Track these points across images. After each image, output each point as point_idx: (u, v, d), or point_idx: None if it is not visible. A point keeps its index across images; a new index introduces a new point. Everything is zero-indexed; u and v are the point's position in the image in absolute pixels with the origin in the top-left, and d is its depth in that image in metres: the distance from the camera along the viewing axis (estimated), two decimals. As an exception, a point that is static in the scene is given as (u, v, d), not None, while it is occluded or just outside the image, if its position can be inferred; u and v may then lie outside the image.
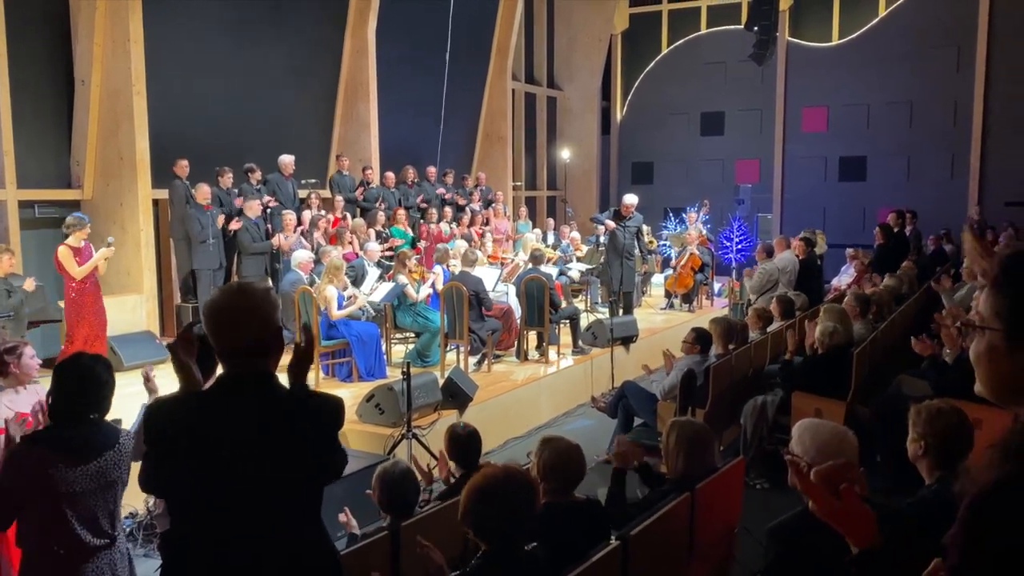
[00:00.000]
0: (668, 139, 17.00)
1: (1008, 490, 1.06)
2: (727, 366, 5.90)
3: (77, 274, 7.02)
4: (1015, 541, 1.04)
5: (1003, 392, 1.18)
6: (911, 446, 2.83)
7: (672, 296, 12.00)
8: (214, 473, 1.97)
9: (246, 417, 2.00)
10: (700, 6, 16.57)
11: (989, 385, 1.19)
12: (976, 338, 1.20)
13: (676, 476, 3.43)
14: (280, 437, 2.01)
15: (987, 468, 1.10)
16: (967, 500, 1.10)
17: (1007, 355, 1.14)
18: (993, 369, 1.18)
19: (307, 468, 2.06)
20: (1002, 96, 14.04)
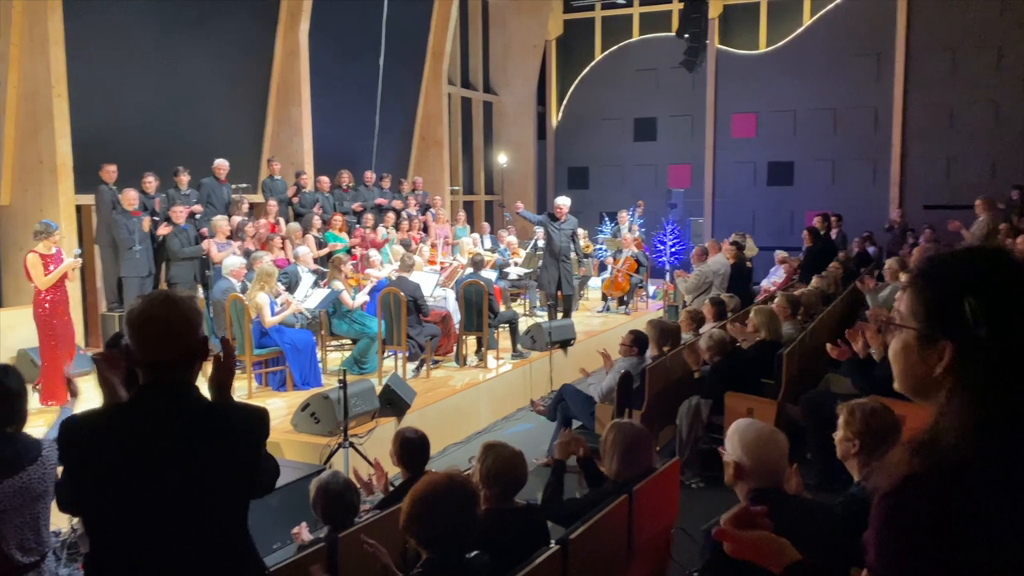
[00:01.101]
0: (603, 144, 17.21)
1: (917, 484, 1.10)
2: (662, 367, 5.99)
3: (41, 284, 6.79)
4: (925, 533, 1.08)
5: (915, 388, 1.23)
6: (842, 444, 2.90)
7: (608, 299, 12.14)
8: (132, 491, 1.90)
9: (166, 431, 1.93)
10: (632, 13, 16.83)
11: (903, 381, 1.25)
12: (895, 336, 1.25)
13: (615, 478, 3.46)
14: (202, 451, 1.94)
15: (898, 464, 1.14)
16: (879, 495, 1.14)
17: (919, 353, 1.20)
18: (907, 366, 1.23)
19: (230, 482, 1.99)
20: (919, 104, 14.63)
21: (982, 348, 1.13)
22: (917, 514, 1.10)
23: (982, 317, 1.13)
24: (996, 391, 1.12)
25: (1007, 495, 1.08)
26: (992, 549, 1.07)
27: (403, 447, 3.81)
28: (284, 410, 6.56)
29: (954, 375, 1.16)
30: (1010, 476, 1.09)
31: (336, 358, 8.57)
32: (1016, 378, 1.11)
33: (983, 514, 1.07)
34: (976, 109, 14.16)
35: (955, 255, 1.23)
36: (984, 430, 1.11)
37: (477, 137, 17.12)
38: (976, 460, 1.09)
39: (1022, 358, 1.12)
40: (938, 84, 14.38)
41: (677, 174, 16.69)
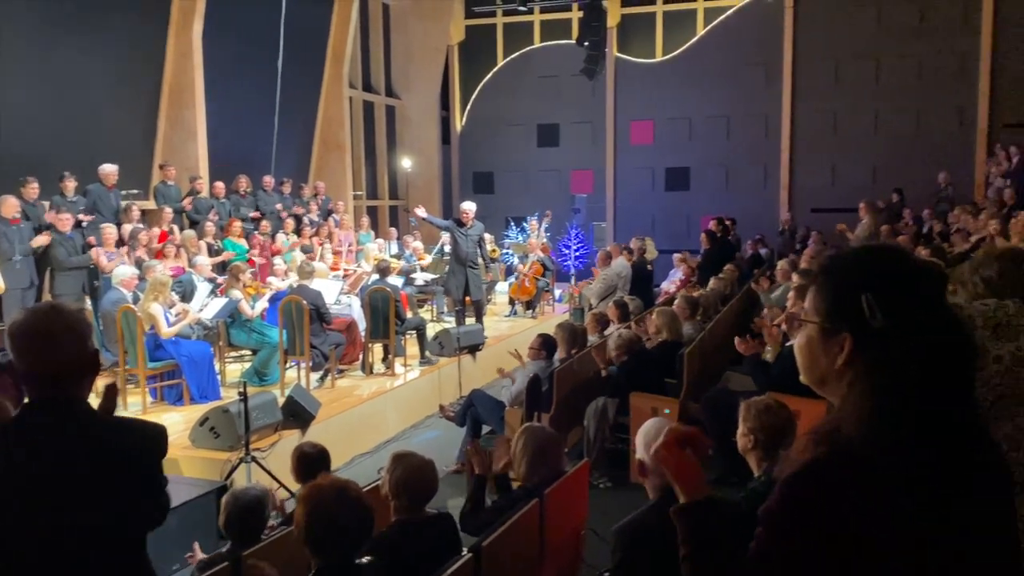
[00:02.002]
0: (507, 149, 17.31)
1: (817, 470, 1.17)
2: (570, 370, 6.06)
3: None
4: (821, 515, 1.14)
5: (819, 380, 1.29)
6: (742, 440, 3.01)
7: (516, 303, 12.21)
8: (11, 517, 1.77)
9: (51, 451, 1.80)
10: (533, 21, 17.01)
11: (808, 374, 1.31)
12: (799, 331, 1.32)
13: (525, 482, 3.47)
14: (91, 472, 1.82)
15: (801, 452, 1.20)
16: (783, 477, 1.20)
17: (822, 346, 1.26)
18: (811, 359, 1.29)
19: (124, 503, 1.88)
20: (806, 111, 15.35)
21: (878, 340, 1.20)
22: (814, 497, 1.15)
23: (877, 311, 1.19)
24: (891, 382, 1.18)
25: (902, 483, 1.14)
26: (882, 535, 1.13)
27: (301, 462, 3.72)
28: (182, 425, 6.29)
29: (853, 367, 1.22)
30: (905, 464, 1.14)
31: (236, 370, 8.29)
32: (909, 369, 1.18)
33: (877, 501, 1.13)
34: (858, 117, 14.97)
35: (854, 253, 1.31)
36: (880, 419, 1.17)
37: (380, 141, 16.93)
38: (873, 449, 1.15)
39: (915, 350, 1.18)
40: (823, 93, 15.13)
41: (580, 179, 16.96)
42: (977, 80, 14.18)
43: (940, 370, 1.18)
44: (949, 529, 1.15)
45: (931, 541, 1.15)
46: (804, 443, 1.22)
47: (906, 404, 1.17)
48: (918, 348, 1.18)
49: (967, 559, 1.16)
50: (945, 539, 1.15)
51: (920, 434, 1.16)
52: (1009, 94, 13.94)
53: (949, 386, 1.19)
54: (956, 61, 14.28)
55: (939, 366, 1.18)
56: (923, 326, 1.19)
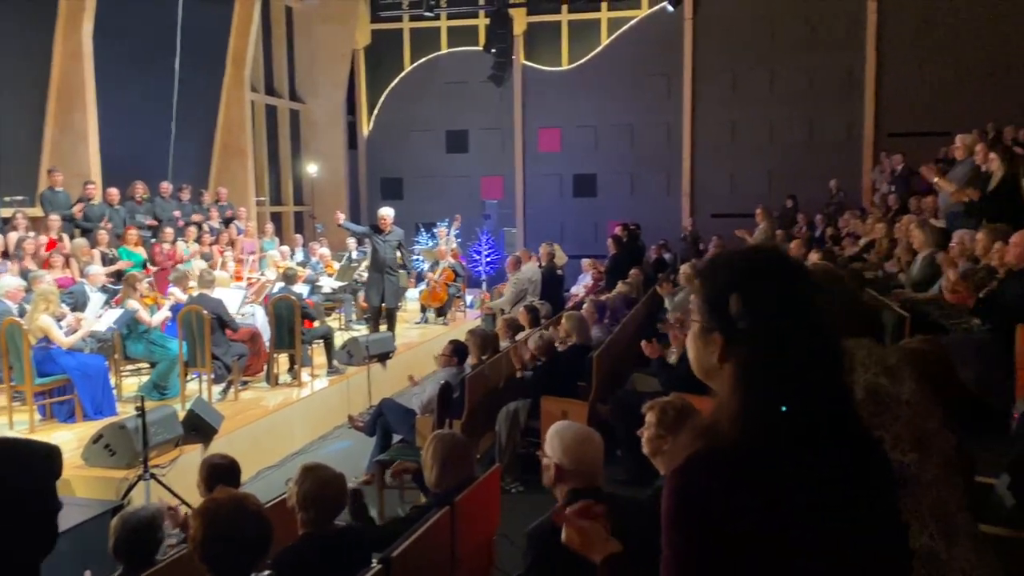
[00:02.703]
0: (416, 155, 17.21)
1: (698, 463, 1.23)
2: (482, 376, 6.07)
3: None
4: (707, 505, 1.19)
5: (704, 375, 1.38)
6: (654, 442, 3.05)
7: (427, 310, 12.14)
8: None
9: None
10: (440, 26, 16.99)
11: (696, 368, 1.40)
12: (690, 327, 1.41)
13: (436, 489, 3.45)
14: None
15: (685, 446, 1.28)
16: (670, 472, 1.25)
17: (702, 343, 1.34)
18: (695, 355, 1.38)
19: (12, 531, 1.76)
20: (706, 120, 15.87)
21: (746, 340, 1.26)
22: (696, 491, 1.21)
23: (744, 312, 1.26)
24: (756, 381, 1.25)
25: (774, 478, 1.19)
26: (757, 528, 1.18)
27: (211, 475, 3.58)
28: (74, 443, 5.97)
29: (728, 364, 1.29)
30: (775, 460, 1.20)
31: (133, 383, 7.93)
32: (773, 369, 1.24)
33: (752, 494, 1.18)
34: (754, 125, 15.57)
35: (729, 256, 1.39)
36: (748, 417, 1.23)
37: (284, 146, 16.55)
38: (745, 444, 1.21)
39: (779, 350, 1.25)
40: (722, 103, 15.67)
41: (490, 186, 17.02)
42: (863, 92, 14.97)
43: (804, 370, 1.24)
44: (829, 523, 1.20)
45: (811, 534, 1.19)
46: (688, 438, 1.29)
47: (770, 402, 1.23)
48: (782, 348, 1.24)
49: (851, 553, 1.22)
50: (826, 533, 1.20)
51: (787, 431, 1.21)
52: (893, 105, 14.77)
53: (814, 385, 1.24)
54: (844, 74, 15.04)
55: (803, 366, 1.24)
56: (787, 328, 1.25)
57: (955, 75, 14.27)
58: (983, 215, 6.90)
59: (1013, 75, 13.90)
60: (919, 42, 14.52)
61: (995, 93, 13.67)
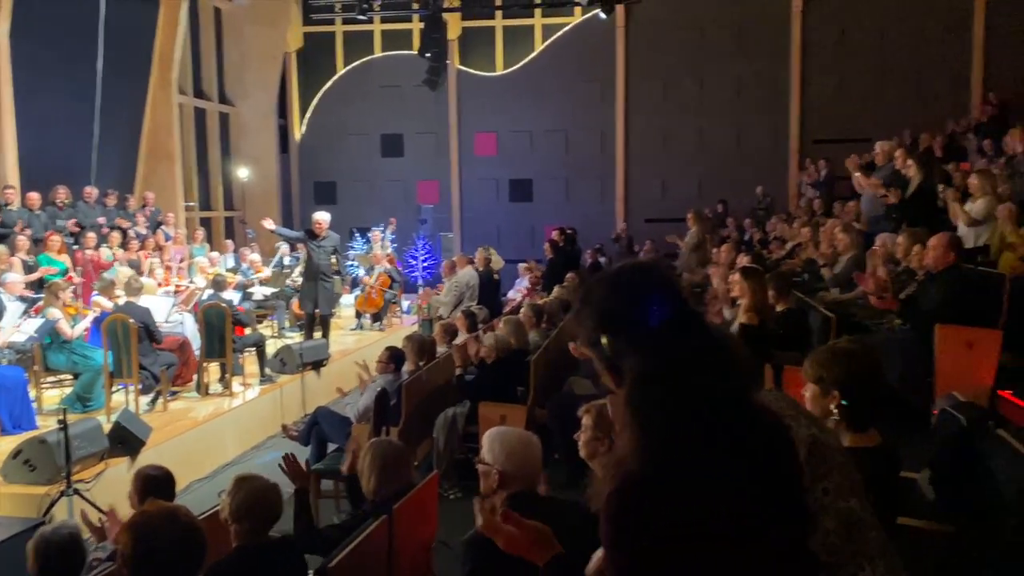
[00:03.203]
0: (350, 159, 17.03)
1: (623, 490, 1.23)
2: (419, 382, 6.03)
3: None
4: (637, 528, 1.22)
5: (613, 403, 1.38)
6: (591, 445, 3.07)
7: (362, 316, 12.01)
8: None
9: None
10: (374, 30, 16.85)
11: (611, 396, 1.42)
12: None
13: (374, 497, 3.41)
14: None
15: (606, 482, 1.26)
16: (606, 496, 1.25)
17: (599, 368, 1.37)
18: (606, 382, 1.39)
19: None
20: (638, 127, 16.13)
21: (624, 376, 1.27)
22: (627, 515, 1.23)
23: (613, 353, 1.27)
24: (635, 412, 1.24)
25: (682, 505, 1.21)
26: (685, 542, 1.21)
27: (145, 486, 3.47)
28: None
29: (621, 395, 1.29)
30: (682, 484, 1.21)
31: (54, 396, 7.62)
32: (649, 401, 1.23)
33: (668, 515, 1.21)
34: (685, 132, 15.89)
35: (592, 295, 1.34)
36: (633, 446, 1.24)
37: (213, 150, 16.16)
38: (650, 475, 1.22)
39: (652, 387, 1.24)
40: (653, 109, 15.94)
41: (426, 190, 16.95)
42: (789, 100, 15.43)
43: (685, 397, 1.23)
44: (745, 527, 1.23)
45: (731, 539, 1.22)
46: (607, 475, 1.29)
47: (659, 439, 1.22)
48: (653, 384, 1.24)
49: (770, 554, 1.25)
50: (743, 535, 1.23)
51: (682, 461, 1.21)
52: (816, 113, 15.27)
53: (704, 409, 1.23)
54: (770, 83, 15.48)
55: (682, 395, 1.23)
56: (654, 363, 1.24)
57: (875, 84, 14.83)
58: (903, 219, 7.18)
59: (928, 85, 14.53)
60: (840, 52, 15.05)
61: (912, 102, 14.27)
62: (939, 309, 4.95)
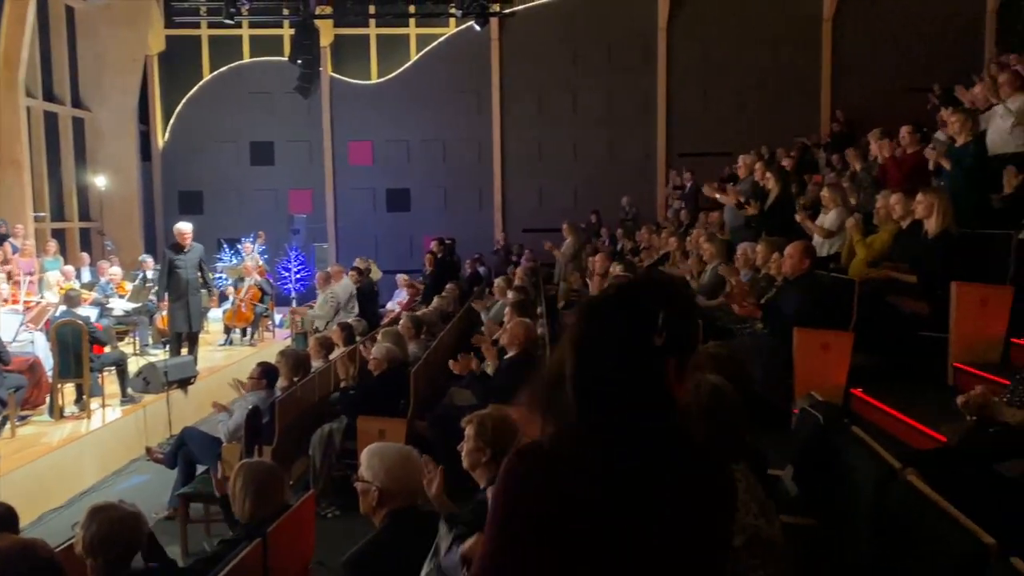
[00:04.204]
0: (218, 167, 16.37)
1: (523, 455, 1.31)
2: (293, 398, 5.84)
3: None
4: (526, 486, 1.28)
5: None
6: (473, 455, 3.06)
7: (232, 330, 11.55)
8: None
9: None
10: (242, 35, 16.30)
11: None
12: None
13: (247, 521, 3.26)
14: None
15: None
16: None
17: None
18: None
19: None
20: (514, 138, 16.34)
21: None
22: (523, 474, 1.30)
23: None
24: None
25: (582, 477, 1.26)
26: (567, 514, 1.25)
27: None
28: None
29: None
30: (582, 459, 1.27)
31: None
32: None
33: (559, 489, 1.26)
34: (559, 144, 16.23)
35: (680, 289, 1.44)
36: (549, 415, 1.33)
37: (67, 157, 15.14)
38: (557, 442, 1.30)
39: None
40: (529, 121, 16.20)
41: (298, 199, 16.52)
42: (656, 114, 16.05)
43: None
44: (635, 527, 1.25)
45: (617, 534, 1.25)
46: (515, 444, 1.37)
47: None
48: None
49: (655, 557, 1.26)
50: (631, 535, 1.25)
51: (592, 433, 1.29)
52: (682, 127, 15.95)
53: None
54: (640, 96, 16.05)
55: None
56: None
57: (735, 101, 15.65)
58: (762, 228, 7.58)
59: (783, 102, 15.47)
60: (703, 70, 15.80)
61: (769, 118, 15.15)
62: (797, 314, 5.24)
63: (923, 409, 4.44)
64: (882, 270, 5.63)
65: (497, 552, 1.28)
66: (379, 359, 6.04)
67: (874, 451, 2.86)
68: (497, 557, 1.27)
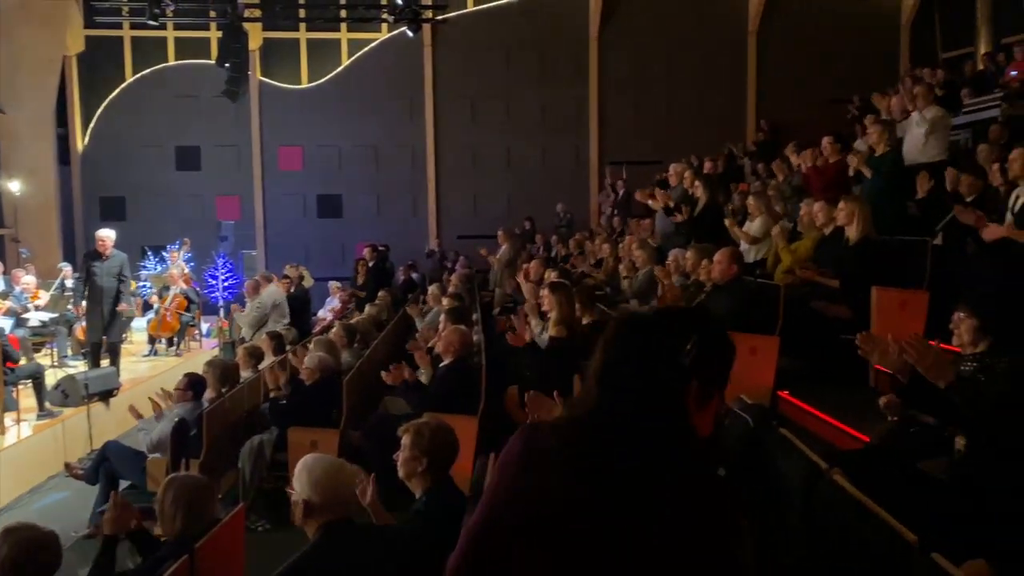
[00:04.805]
0: (141, 172, 15.85)
1: (536, 426, 1.40)
2: (221, 410, 5.69)
3: None
4: (536, 454, 1.32)
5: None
6: (409, 464, 3.02)
7: (157, 340, 11.19)
8: None
9: None
10: (167, 36, 15.86)
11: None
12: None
13: (174, 538, 3.15)
14: None
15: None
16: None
17: None
18: None
19: None
20: (448, 145, 16.30)
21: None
22: (536, 440, 1.35)
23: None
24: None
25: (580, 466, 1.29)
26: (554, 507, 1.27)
27: None
28: None
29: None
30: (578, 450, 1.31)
31: None
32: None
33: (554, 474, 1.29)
34: (493, 151, 16.27)
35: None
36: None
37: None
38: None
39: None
40: (463, 128, 16.19)
41: (226, 206, 16.12)
42: (589, 121, 16.23)
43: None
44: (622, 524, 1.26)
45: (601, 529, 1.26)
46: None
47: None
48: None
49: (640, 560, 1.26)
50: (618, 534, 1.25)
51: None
52: (614, 136, 16.17)
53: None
54: (572, 105, 16.22)
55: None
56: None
57: (665, 110, 15.96)
58: (691, 235, 7.74)
59: (711, 111, 15.84)
60: (635, 79, 16.07)
61: (698, 127, 15.49)
62: (726, 318, 5.36)
63: (847, 410, 4.58)
64: (806, 271, 5.79)
65: (483, 539, 1.30)
66: (311, 368, 5.93)
67: (801, 452, 2.94)
68: (482, 544, 1.29)
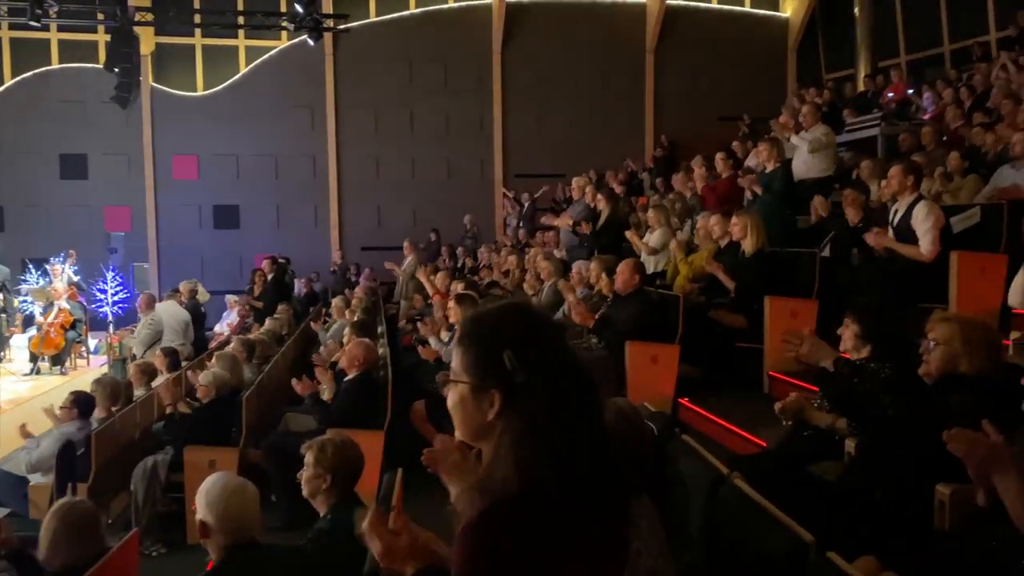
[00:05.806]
0: (21, 181, 14.94)
1: (489, 516, 1.23)
2: (112, 430, 5.42)
3: None
4: (506, 555, 1.21)
5: (475, 434, 1.35)
6: (313, 482, 2.95)
7: (39, 359, 10.57)
8: None
9: None
10: (50, 38, 15.05)
11: (463, 429, 1.37)
12: (451, 391, 1.36)
13: (59, 570, 2.98)
14: None
15: (470, 505, 1.26)
16: (461, 531, 1.24)
17: (473, 403, 1.32)
18: (465, 416, 1.34)
19: None
20: (351, 155, 16.06)
21: (522, 393, 1.28)
22: (494, 541, 1.21)
23: (519, 366, 1.28)
24: (535, 430, 1.27)
25: (556, 518, 1.24)
26: (556, 561, 1.22)
27: None
28: None
29: (503, 419, 1.30)
30: (559, 502, 1.24)
31: None
32: (550, 416, 1.27)
33: (543, 534, 1.22)
34: (397, 162, 16.13)
35: (491, 314, 1.39)
36: (526, 464, 1.25)
37: None
38: (525, 492, 1.24)
39: (559, 400, 1.29)
40: (365, 139, 15.99)
41: (115, 216, 15.38)
42: (492, 134, 16.34)
43: (579, 417, 1.29)
44: (614, 550, 1.28)
45: (601, 562, 1.26)
46: (467, 498, 1.28)
47: (552, 451, 1.26)
48: (561, 398, 1.29)
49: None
50: (612, 560, 1.28)
51: (572, 478, 1.26)
52: (518, 149, 16.33)
53: (587, 430, 1.30)
54: (477, 117, 16.28)
55: (577, 413, 1.30)
56: (561, 377, 1.31)
57: (568, 124, 16.22)
58: (594, 247, 7.89)
59: (611, 127, 16.21)
60: (538, 94, 16.28)
61: (599, 142, 15.82)
62: (628, 327, 5.49)
63: (744, 416, 4.75)
64: (711, 264, 5.99)
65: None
66: (207, 386, 5.73)
67: (703, 457, 3.03)
68: None
